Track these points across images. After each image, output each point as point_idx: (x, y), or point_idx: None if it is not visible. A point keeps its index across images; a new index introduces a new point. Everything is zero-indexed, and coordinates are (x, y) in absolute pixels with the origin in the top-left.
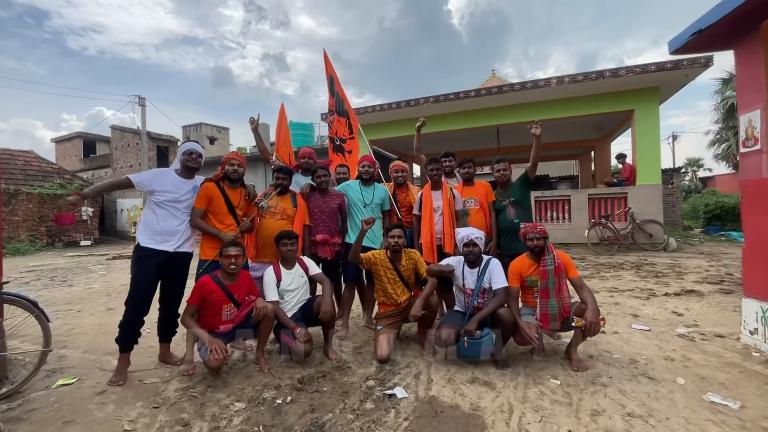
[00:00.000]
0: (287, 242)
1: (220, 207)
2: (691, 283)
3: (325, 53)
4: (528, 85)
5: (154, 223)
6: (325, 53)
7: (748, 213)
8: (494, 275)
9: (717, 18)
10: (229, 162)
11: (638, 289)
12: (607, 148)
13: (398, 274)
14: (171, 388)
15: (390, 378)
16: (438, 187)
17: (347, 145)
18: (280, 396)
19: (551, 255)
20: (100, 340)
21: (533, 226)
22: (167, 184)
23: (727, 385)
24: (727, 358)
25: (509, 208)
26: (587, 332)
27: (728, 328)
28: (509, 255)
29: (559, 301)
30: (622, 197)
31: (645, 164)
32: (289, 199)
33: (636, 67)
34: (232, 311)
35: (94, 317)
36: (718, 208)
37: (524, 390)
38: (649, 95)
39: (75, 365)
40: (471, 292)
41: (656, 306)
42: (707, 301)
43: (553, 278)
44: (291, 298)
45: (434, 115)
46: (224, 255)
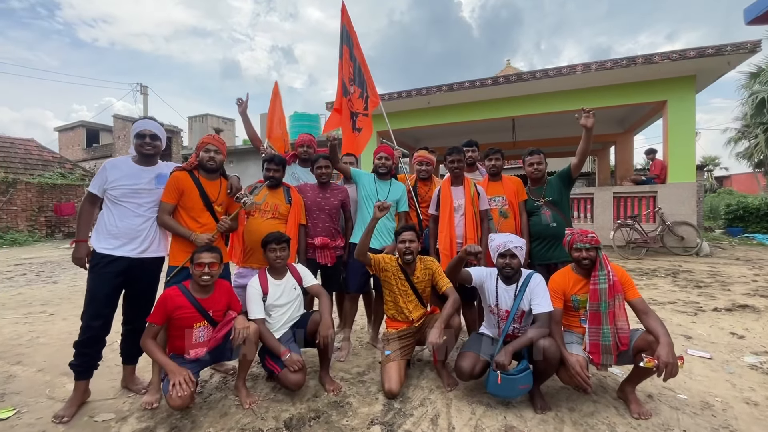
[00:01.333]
0: (276, 247)
1: (194, 202)
2: (741, 295)
3: (344, 5)
4: (551, 73)
5: (110, 222)
6: (344, 5)
7: None
8: (536, 295)
9: None
10: (204, 147)
11: (681, 302)
12: (629, 142)
13: (411, 286)
14: (125, 430)
15: (400, 421)
16: (459, 182)
17: (359, 121)
18: None
19: (605, 270)
20: (61, 353)
21: (583, 233)
22: (119, 174)
23: None
24: None
25: (544, 210)
26: (662, 375)
27: None
28: (542, 265)
29: (614, 329)
30: (651, 196)
31: (678, 160)
32: (282, 194)
33: (673, 53)
34: (207, 331)
35: (66, 322)
36: (741, 208)
37: None
38: (685, 84)
39: (21, 390)
40: (506, 314)
41: (708, 324)
42: (767, 319)
43: (606, 300)
44: (280, 315)
45: (447, 105)
46: (195, 263)
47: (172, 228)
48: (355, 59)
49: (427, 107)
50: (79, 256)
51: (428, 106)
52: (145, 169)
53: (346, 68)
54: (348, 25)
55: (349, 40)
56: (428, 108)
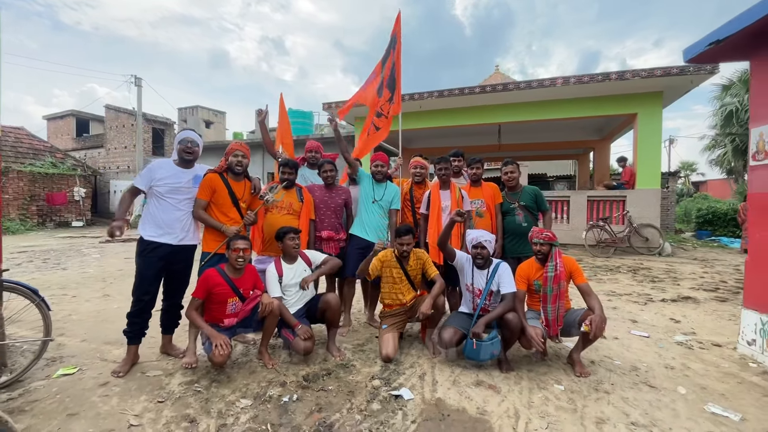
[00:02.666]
0: (293, 236)
1: (223, 199)
2: (687, 289)
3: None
4: (533, 84)
5: (155, 215)
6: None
7: (755, 226)
8: (503, 279)
9: (737, 29)
10: (233, 153)
11: (635, 294)
12: (606, 149)
13: (405, 274)
14: (174, 381)
15: (395, 378)
16: (446, 186)
17: (380, 121)
18: (285, 393)
19: (554, 263)
20: (98, 328)
21: (540, 231)
22: (165, 173)
23: (727, 396)
24: (725, 368)
25: (518, 212)
26: (592, 335)
27: (725, 338)
28: (515, 257)
29: (556, 308)
30: (621, 200)
31: (645, 168)
32: (295, 194)
33: (642, 70)
34: (237, 305)
35: (90, 303)
36: (710, 213)
37: (529, 395)
38: (653, 99)
39: (74, 354)
40: (479, 292)
41: (654, 312)
42: (703, 308)
43: (552, 286)
44: (294, 293)
45: (437, 110)
46: (232, 248)
47: (206, 221)
48: (394, 66)
49: (419, 111)
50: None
51: (420, 110)
52: (184, 170)
53: (387, 71)
54: (398, 33)
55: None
56: (420, 111)
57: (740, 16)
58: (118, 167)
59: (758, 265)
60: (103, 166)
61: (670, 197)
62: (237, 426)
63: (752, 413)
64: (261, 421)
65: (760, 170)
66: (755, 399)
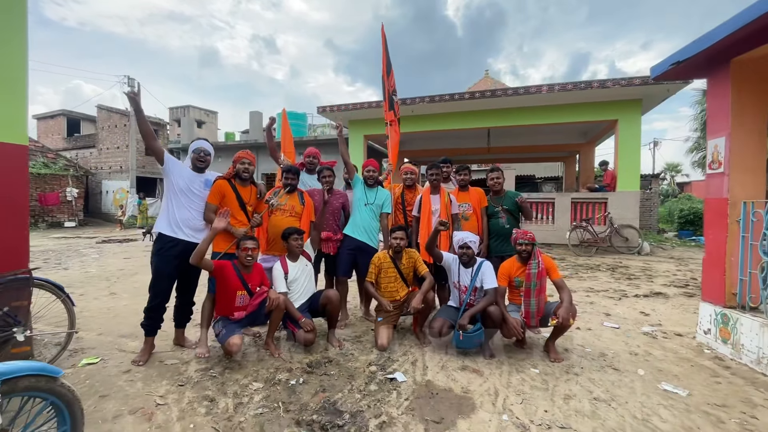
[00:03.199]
0: (297, 237)
1: (232, 203)
2: (660, 285)
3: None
4: (520, 91)
5: (170, 212)
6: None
7: (710, 227)
8: (486, 276)
9: (694, 52)
10: (240, 161)
11: (612, 290)
12: (591, 152)
13: (399, 272)
14: (191, 368)
15: (390, 364)
16: (436, 191)
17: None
18: (292, 378)
19: (537, 260)
20: (111, 323)
21: (524, 233)
22: (182, 173)
23: (680, 376)
24: (683, 354)
25: (501, 215)
26: (558, 323)
27: (687, 328)
28: (498, 256)
29: (538, 301)
30: (603, 202)
31: (625, 172)
32: (297, 197)
33: (622, 79)
34: (245, 298)
35: (99, 301)
36: (691, 213)
37: (508, 377)
38: (633, 106)
39: (94, 346)
40: (465, 288)
41: (627, 306)
42: (672, 303)
43: (535, 281)
44: (298, 287)
45: (429, 114)
46: (242, 248)
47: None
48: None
49: (411, 115)
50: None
51: (412, 114)
52: (197, 175)
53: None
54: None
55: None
56: (412, 116)
57: (698, 40)
58: (111, 167)
59: (713, 263)
60: (94, 166)
61: (653, 198)
62: (252, 404)
63: (698, 390)
64: (273, 400)
65: (714, 178)
66: (703, 379)
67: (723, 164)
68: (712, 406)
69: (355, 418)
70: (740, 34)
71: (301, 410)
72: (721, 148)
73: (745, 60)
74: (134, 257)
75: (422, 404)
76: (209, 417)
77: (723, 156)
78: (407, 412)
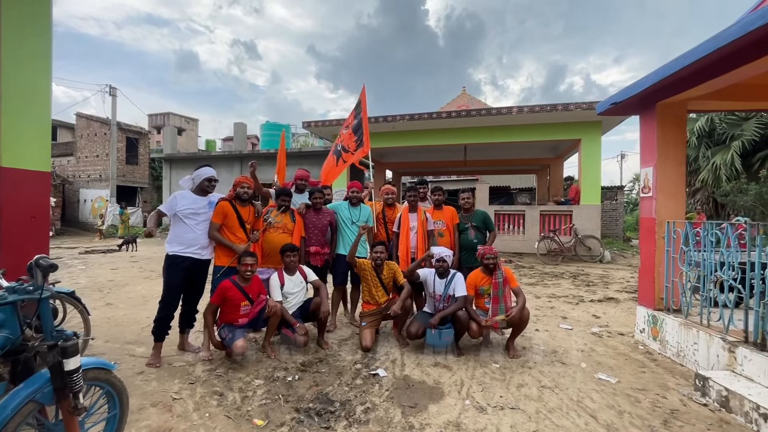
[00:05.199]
0: (290, 254)
1: (233, 222)
2: (614, 291)
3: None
4: (493, 111)
5: (179, 235)
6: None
7: (643, 242)
8: (458, 285)
9: (628, 95)
10: (240, 185)
11: (571, 296)
12: (560, 166)
13: (380, 281)
14: (198, 369)
15: (372, 363)
16: (414, 209)
17: (345, 155)
18: (289, 375)
19: (501, 271)
20: (115, 331)
21: (489, 249)
22: (187, 202)
23: (614, 368)
24: (621, 350)
25: (471, 231)
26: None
27: (629, 328)
28: (467, 267)
29: (505, 305)
30: (568, 214)
31: (588, 186)
32: (289, 216)
33: (583, 103)
34: (248, 307)
35: (97, 311)
36: None
37: (473, 371)
38: (594, 127)
39: (104, 352)
40: (439, 296)
41: (582, 310)
42: (621, 307)
43: (501, 288)
44: (292, 298)
45: (408, 131)
46: (242, 263)
47: (220, 240)
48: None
49: (392, 131)
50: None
51: (393, 131)
52: (201, 198)
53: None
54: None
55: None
56: (393, 132)
57: (631, 86)
58: (89, 176)
59: (646, 272)
60: (72, 174)
61: (618, 209)
62: (256, 397)
63: (626, 378)
64: (274, 393)
65: (645, 201)
66: (633, 370)
67: (651, 189)
68: (634, 389)
69: (344, 405)
70: (663, 83)
71: (299, 400)
72: (650, 176)
73: (667, 103)
74: (121, 268)
75: (400, 394)
76: (221, 408)
77: (651, 183)
78: (387, 400)
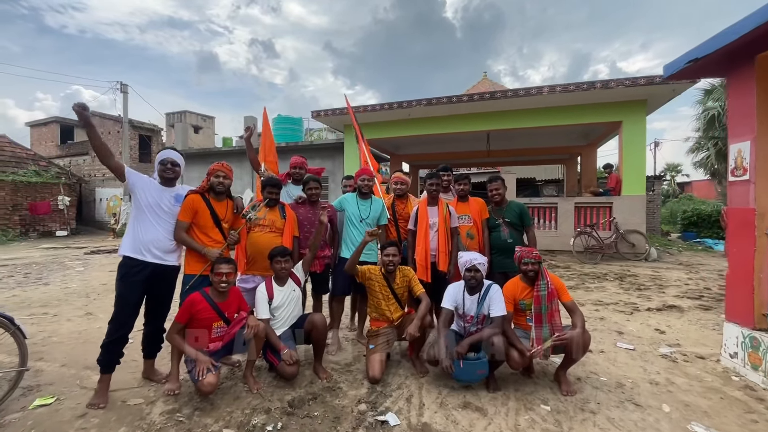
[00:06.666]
0: (281, 260)
1: (205, 220)
2: (672, 297)
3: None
4: (520, 93)
5: (135, 233)
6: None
7: (734, 240)
8: (494, 302)
9: (714, 48)
10: (214, 173)
11: (622, 303)
12: (593, 154)
13: (392, 292)
14: (156, 411)
15: (382, 401)
16: (434, 202)
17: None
18: (270, 422)
19: (545, 280)
20: (78, 351)
21: (529, 251)
22: (149, 188)
23: (710, 413)
24: (709, 383)
25: (503, 227)
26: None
27: (709, 348)
28: (501, 273)
29: (551, 327)
30: (608, 207)
31: (630, 175)
32: (278, 211)
33: (626, 79)
34: (222, 329)
35: (71, 323)
36: (695, 215)
37: (515, 417)
38: (637, 107)
39: (53, 381)
40: (470, 318)
41: (639, 322)
42: (687, 317)
43: (546, 304)
44: (282, 313)
45: (426, 118)
46: (215, 272)
47: (188, 243)
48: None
49: (407, 119)
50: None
51: (408, 118)
52: (165, 189)
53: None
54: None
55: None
56: (409, 119)
57: (718, 35)
58: (104, 175)
59: (737, 280)
60: (88, 173)
61: (655, 200)
62: None
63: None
64: None
65: (738, 186)
66: (737, 416)
67: (748, 171)
68: None
69: None
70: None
71: None
72: (745, 153)
73: None
74: None
75: None
76: None
77: (748, 162)
78: None
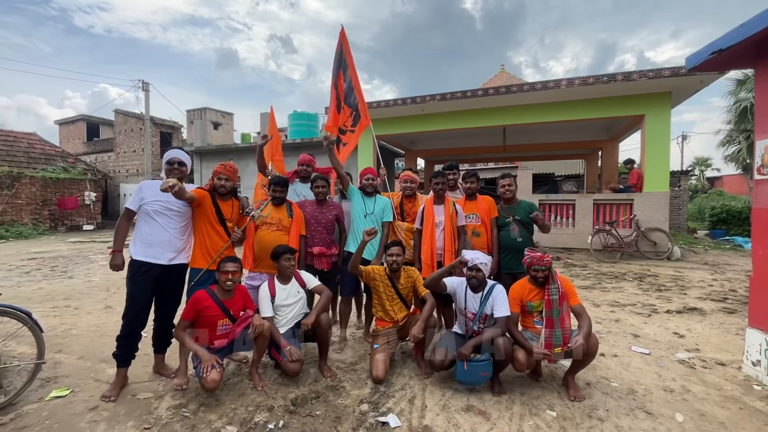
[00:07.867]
0: (289, 257)
1: (209, 214)
2: (694, 299)
3: (343, 30)
4: (537, 86)
5: (145, 235)
6: (343, 30)
7: (759, 242)
8: (497, 302)
9: (741, 38)
10: (217, 176)
11: (640, 304)
12: (615, 149)
13: (396, 292)
14: (163, 405)
15: (384, 401)
16: (441, 201)
17: (345, 137)
18: (272, 420)
19: (556, 284)
20: (96, 343)
21: (540, 258)
22: (154, 193)
23: (727, 424)
24: (728, 391)
25: (513, 226)
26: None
27: (730, 355)
28: (510, 274)
29: (563, 332)
30: (628, 204)
31: (653, 171)
32: (285, 209)
33: (650, 71)
34: (228, 326)
35: (91, 316)
36: (724, 211)
37: (519, 422)
38: (661, 100)
39: (69, 374)
40: (472, 316)
41: (657, 325)
42: (709, 321)
43: (557, 308)
44: (286, 313)
45: (440, 113)
46: (221, 271)
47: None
48: (349, 81)
49: (422, 114)
50: (116, 263)
51: (423, 113)
52: None
53: (341, 89)
54: (346, 48)
55: (344, 64)
56: (423, 115)
57: (744, 24)
58: (128, 171)
59: (763, 284)
60: (113, 169)
61: (682, 196)
62: None
63: None
64: None
65: (764, 185)
66: (757, 428)
67: None
68: None
69: None
70: None
71: None
72: None
73: None
74: None
75: None
76: None
77: None
78: None
